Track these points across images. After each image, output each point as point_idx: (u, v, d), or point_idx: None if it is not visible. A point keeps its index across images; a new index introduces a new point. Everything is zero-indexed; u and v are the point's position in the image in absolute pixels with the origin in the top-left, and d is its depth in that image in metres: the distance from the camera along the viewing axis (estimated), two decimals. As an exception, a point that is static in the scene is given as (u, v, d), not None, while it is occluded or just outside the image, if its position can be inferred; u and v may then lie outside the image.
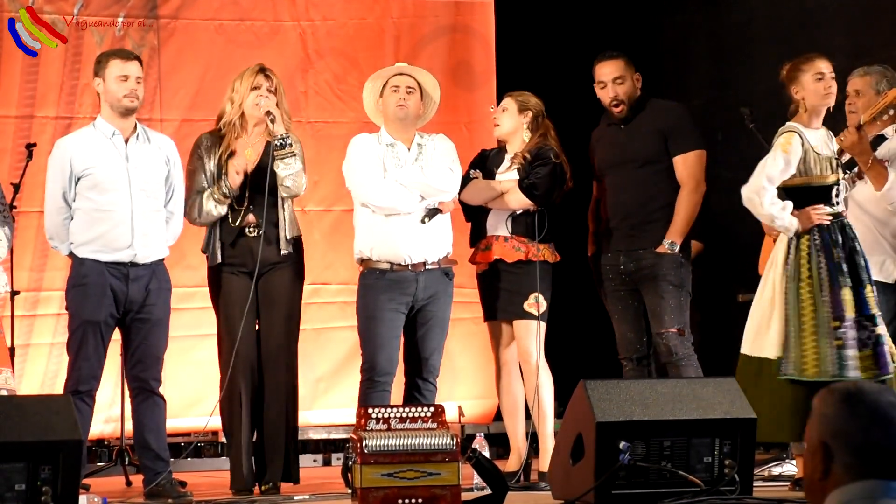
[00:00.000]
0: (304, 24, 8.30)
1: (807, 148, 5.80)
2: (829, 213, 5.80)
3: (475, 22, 8.55)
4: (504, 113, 6.61)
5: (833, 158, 5.84)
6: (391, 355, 6.24)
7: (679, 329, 6.42)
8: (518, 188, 6.47)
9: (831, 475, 2.38)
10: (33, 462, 4.59)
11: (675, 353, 6.42)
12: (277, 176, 6.14)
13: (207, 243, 6.27)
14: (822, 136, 5.88)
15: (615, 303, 6.61)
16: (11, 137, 7.64)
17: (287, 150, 6.14)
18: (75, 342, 5.96)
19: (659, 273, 6.46)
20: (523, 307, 6.44)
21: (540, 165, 6.50)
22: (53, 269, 7.39)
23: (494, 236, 6.52)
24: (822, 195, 5.82)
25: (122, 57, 6.09)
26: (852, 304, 5.68)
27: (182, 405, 7.49)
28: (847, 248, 5.77)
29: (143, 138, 6.11)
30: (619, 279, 6.57)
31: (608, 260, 6.61)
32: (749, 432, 5.21)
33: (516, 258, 6.46)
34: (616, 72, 6.56)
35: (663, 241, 6.47)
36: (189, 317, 7.63)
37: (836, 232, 5.78)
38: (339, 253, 8.02)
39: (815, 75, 5.83)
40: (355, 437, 5.13)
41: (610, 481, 5.07)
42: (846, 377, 5.58)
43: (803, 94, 5.85)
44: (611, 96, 6.58)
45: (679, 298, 6.48)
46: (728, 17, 8.69)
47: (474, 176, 6.57)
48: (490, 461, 5.46)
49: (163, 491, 5.92)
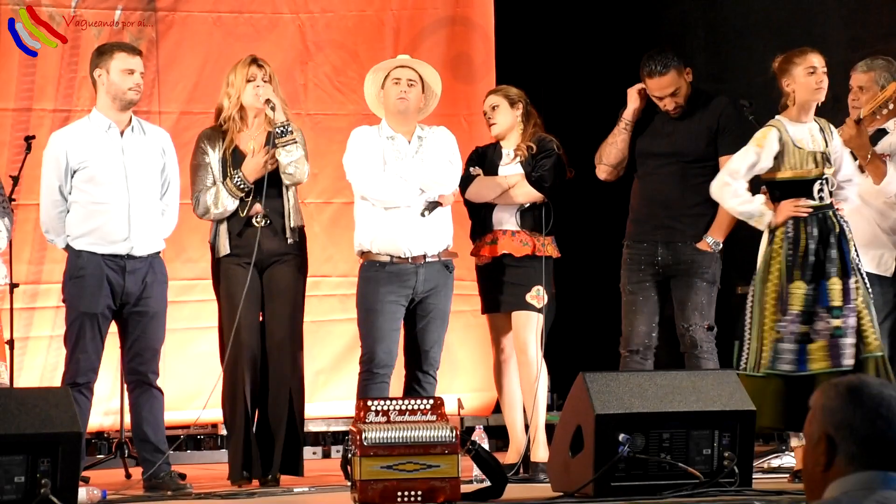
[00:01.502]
0: (303, 17, 8.29)
1: (785, 141, 5.81)
2: (811, 207, 5.80)
3: (475, 14, 8.54)
4: (497, 111, 6.58)
5: (819, 153, 5.83)
6: (390, 347, 6.24)
7: (708, 325, 6.44)
8: (526, 181, 6.46)
9: (834, 467, 2.39)
10: (33, 454, 4.60)
11: (699, 346, 6.43)
12: (280, 164, 6.14)
13: (216, 235, 6.26)
14: (810, 130, 5.87)
15: (637, 293, 6.52)
16: (9, 130, 7.64)
17: (288, 138, 6.14)
18: (73, 335, 5.97)
19: (697, 270, 6.44)
20: (525, 298, 6.43)
21: (544, 157, 6.50)
22: (52, 261, 7.39)
23: (501, 230, 6.50)
24: (804, 189, 5.82)
25: (128, 51, 6.09)
26: (801, 298, 5.70)
27: (182, 398, 7.49)
28: (824, 240, 5.77)
29: (139, 130, 6.11)
30: (651, 269, 6.51)
31: (644, 249, 6.54)
32: (748, 424, 5.22)
33: (524, 252, 6.45)
34: (671, 86, 6.48)
35: (706, 238, 6.44)
36: (189, 309, 7.64)
37: (812, 224, 5.79)
38: (338, 246, 8.02)
39: (806, 69, 5.83)
40: (355, 429, 5.13)
41: (609, 473, 5.07)
42: (777, 370, 5.63)
43: (794, 88, 5.86)
44: (670, 108, 6.52)
45: (710, 294, 6.49)
46: (725, 9, 8.68)
47: (476, 173, 6.56)
48: (489, 453, 5.47)
49: (162, 483, 5.94)
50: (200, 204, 6.21)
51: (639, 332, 6.51)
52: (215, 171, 6.21)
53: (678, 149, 6.51)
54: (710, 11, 8.76)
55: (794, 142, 5.82)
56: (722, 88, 7.75)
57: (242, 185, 6.14)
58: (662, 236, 6.51)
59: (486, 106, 6.65)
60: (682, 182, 6.51)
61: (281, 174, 6.16)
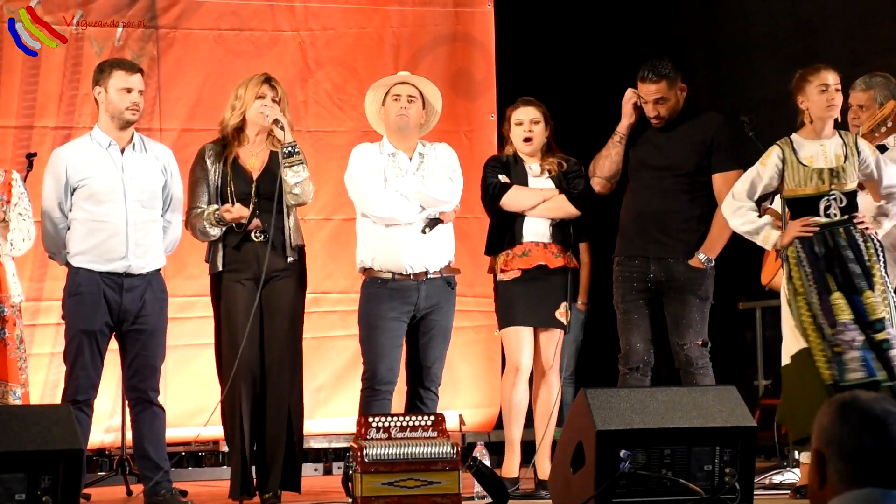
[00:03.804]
0: (304, 34, 8.31)
1: (787, 160, 5.83)
2: (818, 225, 5.81)
3: (475, 31, 8.55)
4: (538, 125, 6.53)
5: (828, 169, 5.84)
6: (392, 364, 6.24)
7: (703, 341, 6.42)
8: (567, 199, 6.45)
9: (827, 484, 2.39)
10: (33, 472, 4.59)
11: (694, 364, 6.40)
12: (286, 183, 6.15)
13: (212, 250, 6.26)
14: (825, 147, 5.88)
15: (630, 311, 6.50)
16: (11, 148, 7.65)
17: (296, 158, 6.14)
18: (72, 352, 5.98)
19: (690, 287, 6.41)
20: (555, 315, 6.43)
21: (576, 177, 6.51)
22: (53, 278, 7.39)
23: (534, 242, 6.47)
24: (810, 206, 5.84)
25: (126, 69, 6.08)
26: (846, 307, 5.69)
27: (183, 414, 7.49)
28: (838, 256, 5.77)
29: (140, 148, 6.11)
30: (643, 286, 6.48)
31: (635, 266, 6.51)
32: (749, 440, 5.21)
33: (557, 264, 6.44)
34: (657, 93, 6.47)
35: (698, 255, 6.41)
36: (190, 326, 7.64)
37: (819, 244, 5.79)
38: (338, 262, 8.03)
39: (819, 86, 5.85)
40: (356, 445, 5.13)
41: (610, 490, 5.06)
42: (847, 381, 5.60)
43: (808, 105, 5.89)
44: (652, 115, 6.52)
45: (703, 311, 6.45)
46: (726, 24, 8.70)
47: (505, 181, 6.50)
48: (491, 469, 5.47)
49: (163, 500, 5.94)
50: (189, 223, 6.22)
51: (636, 350, 6.48)
52: (212, 188, 6.19)
53: (671, 162, 6.51)
54: (711, 26, 8.78)
55: (801, 159, 5.83)
56: (722, 103, 7.77)
57: (220, 220, 6.13)
58: (654, 252, 6.49)
59: (525, 118, 6.53)
60: (673, 197, 6.49)
61: (286, 195, 6.16)
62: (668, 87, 6.48)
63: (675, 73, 6.50)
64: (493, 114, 8.38)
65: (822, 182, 5.84)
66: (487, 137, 8.31)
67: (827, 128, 5.90)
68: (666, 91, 6.48)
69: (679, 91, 6.54)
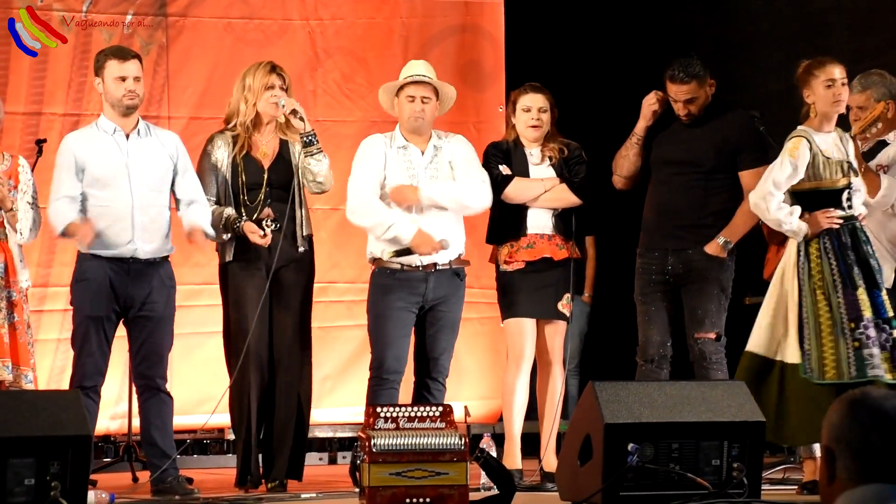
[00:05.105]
0: (313, 23, 8.30)
1: (815, 152, 5.81)
2: (840, 217, 5.81)
3: (485, 22, 8.54)
4: (546, 114, 6.49)
5: (844, 161, 5.85)
6: (399, 354, 6.24)
7: (717, 334, 6.41)
8: (567, 186, 6.45)
9: (836, 480, 2.40)
10: (42, 457, 4.59)
11: (707, 358, 6.39)
12: (310, 172, 6.15)
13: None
14: (834, 140, 5.89)
15: (649, 303, 6.49)
16: (19, 134, 7.64)
17: (316, 146, 6.15)
18: (79, 338, 5.99)
19: (707, 276, 6.39)
20: (557, 307, 6.43)
21: (577, 164, 6.49)
22: (60, 264, 7.40)
23: (539, 234, 6.45)
24: (833, 199, 5.83)
25: (119, 57, 6.07)
26: (868, 304, 5.69)
27: (190, 402, 7.49)
28: (859, 251, 5.78)
29: (146, 134, 6.11)
30: (661, 279, 6.47)
31: (654, 259, 6.50)
32: (758, 435, 5.21)
33: (562, 256, 6.43)
34: (688, 94, 6.42)
35: (717, 239, 6.37)
36: (197, 314, 7.63)
37: (846, 235, 5.80)
38: (345, 252, 8.03)
39: (825, 81, 5.83)
40: (364, 435, 5.13)
41: (618, 483, 5.07)
42: (866, 377, 5.59)
43: (814, 99, 5.87)
44: (682, 113, 6.49)
45: (720, 302, 6.44)
46: (731, 20, 8.69)
47: (507, 173, 6.49)
48: (498, 461, 5.47)
49: (169, 487, 5.95)
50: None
51: (653, 342, 6.48)
52: (220, 179, 6.19)
53: (693, 157, 6.49)
54: (717, 22, 8.77)
55: (822, 152, 5.83)
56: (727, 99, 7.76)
57: (235, 230, 6.12)
58: (672, 245, 6.49)
59: (533, 105, 6.48)
60: (693, 192, 6.48)
61: (308, 183, 6.18)
62: (699, 87, 6.46)
63: (704, 71, 6.47)
64: (501, 105, 8.36)
65: (843, 174, 5.84)
66: (496, 128, 8.29)
67: (833, 121, 5.90)
68: (696, 91, 6.45)
69: (708, 91, 6.52)
